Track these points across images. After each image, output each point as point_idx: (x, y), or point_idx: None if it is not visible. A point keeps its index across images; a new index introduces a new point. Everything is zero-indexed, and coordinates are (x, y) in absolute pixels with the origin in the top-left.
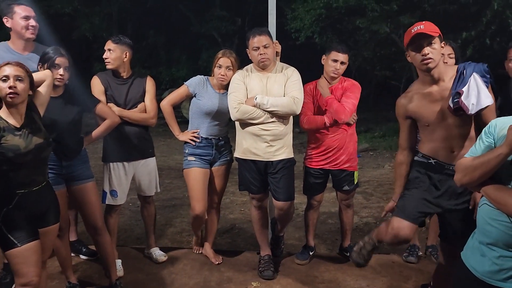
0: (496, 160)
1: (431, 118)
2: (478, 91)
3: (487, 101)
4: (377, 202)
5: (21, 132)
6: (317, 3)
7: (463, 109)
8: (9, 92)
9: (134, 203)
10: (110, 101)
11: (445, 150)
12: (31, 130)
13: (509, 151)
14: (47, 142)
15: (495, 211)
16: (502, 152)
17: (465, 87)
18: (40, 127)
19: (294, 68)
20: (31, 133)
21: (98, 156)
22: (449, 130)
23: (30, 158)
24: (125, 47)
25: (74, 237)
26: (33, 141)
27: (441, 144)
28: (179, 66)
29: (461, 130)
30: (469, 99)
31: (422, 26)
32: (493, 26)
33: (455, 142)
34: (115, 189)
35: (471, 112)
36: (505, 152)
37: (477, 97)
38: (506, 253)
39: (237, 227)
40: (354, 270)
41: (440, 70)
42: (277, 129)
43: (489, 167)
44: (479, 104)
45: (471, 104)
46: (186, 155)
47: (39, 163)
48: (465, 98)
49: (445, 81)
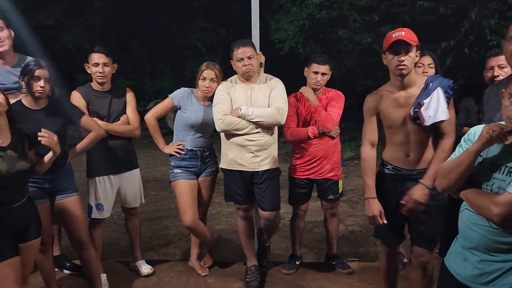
0: (469, 158)
1: (394, 121)
2: (438, 105)
3: (442, 116)
4: (363, 211)
5: (4, 154)
6: (300, 14)
7: (420, 119)
8: None
9: (119, 216)
10: (93, 116)
11: (402, 153)
12: (17, 155)
13: (480, 147)
14: (31, 169)
15: (476, 215)
16: (474, 149)
17: (427, 99)
18: (27, 154)
19: (278, 79)
20: (16, 158)
21: (82, 169)
22: (407, 135)
23: (10, 182)
24: (113, 59)
25: (58, 251)
26: (16, 166)
27: (399, 147)
28: (164, 77)
29: (418, 137)
30: (428, 111)
31: (403, 33)
32: (471, 36)
33: (411, 147)
34: (101, 202)
35: (426, 124)
36: (476, 149)
37: (435, 111)
38: (487, 257)
39: (223, 238)
40: (340, 279)
41: (411, 78)
42: (262, 140)
43: (464, 166)
44: (435, 118)
45: (428, 116)
46: (172, 167)
47: (19, 185)
48: (424, 110)
49: (412, 89)
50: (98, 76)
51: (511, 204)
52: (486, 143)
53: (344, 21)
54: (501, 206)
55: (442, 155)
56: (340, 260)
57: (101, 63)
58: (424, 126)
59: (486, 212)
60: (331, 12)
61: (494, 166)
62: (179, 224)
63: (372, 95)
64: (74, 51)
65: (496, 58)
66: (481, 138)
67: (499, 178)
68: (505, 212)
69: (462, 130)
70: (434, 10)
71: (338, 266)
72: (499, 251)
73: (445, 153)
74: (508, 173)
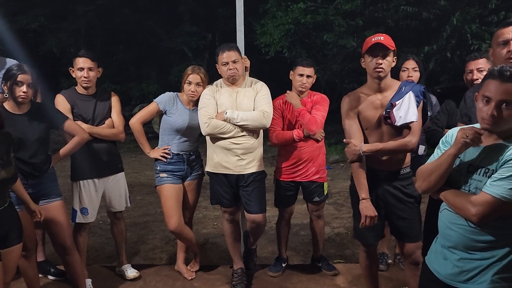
0: (447, 161)
1: (370, 122)
2: (408, 107)
3: (412, 117)
4: (348, 213)
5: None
6: (286, 19)
7: (391, 118)
8: None
9: (105, 221)
10: (77, 119)
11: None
12: (2, 163)
13: (457, 150)
14: (14, 177)
15: (454, 215)
16: (451, 153)
17: (399, 100)
18: (11, 161)
19: (263, 83)
20: (1, 165)
21: (66, 174)
22: (382, 137)
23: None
24: (98, 63)
25: (41, 257)
26: (0, 175)
27: None
28: (150, 81)
29: (391, 139)
30: (398, 112)
31: (382, 38)
32: (453, 40)
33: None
34: (86, 206)
35: (397, 124)
36: (454, 153)
37: (406, 112)
38: (466, 255)
39: (210, 242)
40: (326, 280)
41: (387, 81)
42: (248, 143)
43: (442, 169)
44: (405, 118)
45: (399, 116)
46: (158, 171)
47: (1, 192)
48: (396, 110)
49: (388, 93)
50: (83, 80)
51: (487, 203)
52: (462, 147)
53: (329, 25)
54: (478, 206)
55: (393, 143)
56: (326, 262)
57: (86, 67)
58: (397, 128)
59: (464, 212)
60: (316, 16)
61: (472, 167)
62: (165, 228)
63: (350, 95)
64: (58, 55)
65: (475, 61)
66: (457, 142)
67: (476, 179)
68: (482, 212)
69: (443, 133)
70: (417, 15)
71: (324, 267)
72: (477, 249)
73: (397, 143)
74: (484, 174)
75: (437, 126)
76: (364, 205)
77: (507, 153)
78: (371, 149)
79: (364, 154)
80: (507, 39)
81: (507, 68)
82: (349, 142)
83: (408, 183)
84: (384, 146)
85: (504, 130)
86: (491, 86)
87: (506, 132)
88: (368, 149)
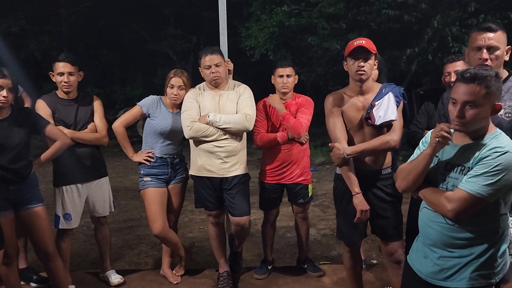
0: (424, 161)
1: (352, 123)
2: (388, 107)
3: (392, 116)
4: (334, 214)
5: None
6: (270, 22)
7: (371, 118)
8: None
9: (88, 227)
10: (59, 124)
11: None
12: None
13: (432, 151)
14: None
15: (433, 213)
16: (427, 153)
17: (379, 101)
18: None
19: (246, 86)
20: None
21: (49, 179)
22: (364, 138)
23: None
24: (79, 67)
25: (23, 264)
26: None
27: None
28: (134, 84)
29: None
30: (378, 111)
31: (364, 41)
32: (434, 43)
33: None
34: (69, 212)
35: (377, 123)
36: (429, 152)
37: (385, 112)
38: (445, 253)
39: (196, 246)
40: (312, 281)
41: (368, 84)
42: (231, 146)
43: (420, 169)
44: (385, 117)
45: (378, 116)
46: (142, 175)
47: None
48: (375, 110)
49: (369, 95)
50: (63, 85)
51: (463, 199)
52: (436, 146)
53: (313, 28)
54: (454, 202)
55: (375, 142)
56: (311, 263)
57: (66, 72)
58: (378, 129)
59: (441, 209)
60: (300, 19)
61: (449, 165)
62: (151, 233)
63: (334, 94)
64: (40, 58)
65: (453, 64)
66: (431, 143)
67: (453, 177)
68: (458, 207)
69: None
70: (398, 18)
71: (309, 269)
72: (456, 246)
73: (378, 141)
74: (461, 171)
75: (417, 128)
76: (358, 200)
77: (483, 151)
78: (354, 151)
79: (348, 156)
80: (480, 45)
81: (469, 70)
82: (334, 146)
83: (389, 182)
84: (367, 146)
85: (474, 130)
86: (457, 88)
87: (476, 132)
88: (352, 151)
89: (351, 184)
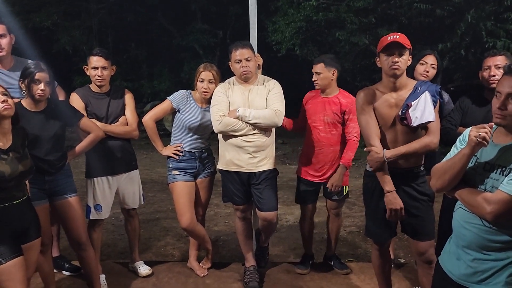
0: (461, 161)
1: (385, 120)
2: (425, 107)
3: (430, 117)
4: (360, 211)
5: (7, 156)
6: (297, 16)
7: (407, 119)
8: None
9: (117, 218)
10: (91, 117)
11: None
12: (19, 156)
13: (471, 151)
14: (31, 170)
15: (469, 214)
16: (465, 153)
17: (415, 101)
18: (27, 154)
19: (275, 81)
20: (18, 159)
21: (80, 170)
22: (396, 136)
23: (13, 184)
24: (111, 62)
25: (56, 252)
26: (19, 168)
27: (388, 146)
28: (161, 79)
29: (406, 137)
30: (415, 112)
31: (398, 36)
32: (467, 38)
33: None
34: (100, 203)
35: (413, 124)
36: (467, 153)
37: (422, 112)
38: (480, 255)
39: (221, 239)
40: (338, 279)
41: (402, 80)
42: (260, 141)
43: (457, 169)
44: (422, 119)
45: (415, 117)
46: (170, 169)
47: (20, 184)
48: (412, 111)
49: (403, 92)
50: (96, 79)
51: (503, 202)
52: (475, 146)
53: (341, 23)
54: (494, 204)
55: (415, 145)
56: (338, 261)
57: (99, 66)
58: (411, 127)
59: (479, 210)
60: (328, 14)
61: (488, 165)
62: (177, 225)
63: (365, 90)
64: (71, 53)
65: (494, 58)
66: (470, 142)
67: (492, 178)
68: (498, 210)
69: (457, 130)
70: (430, 12)
71: (336, 266)
72: (492, 249)
73: (418, 144)
74: (501, 172)
75: (451, 124)
76: (389, 198)
77: None
78: (394, 154)
79: (388, 160)
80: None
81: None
82: (371, 150)
83: (421, 181)
84: (407, 149)
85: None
86: (503, 81)
87: None
88: (392, 154)
89: (384, 182)
